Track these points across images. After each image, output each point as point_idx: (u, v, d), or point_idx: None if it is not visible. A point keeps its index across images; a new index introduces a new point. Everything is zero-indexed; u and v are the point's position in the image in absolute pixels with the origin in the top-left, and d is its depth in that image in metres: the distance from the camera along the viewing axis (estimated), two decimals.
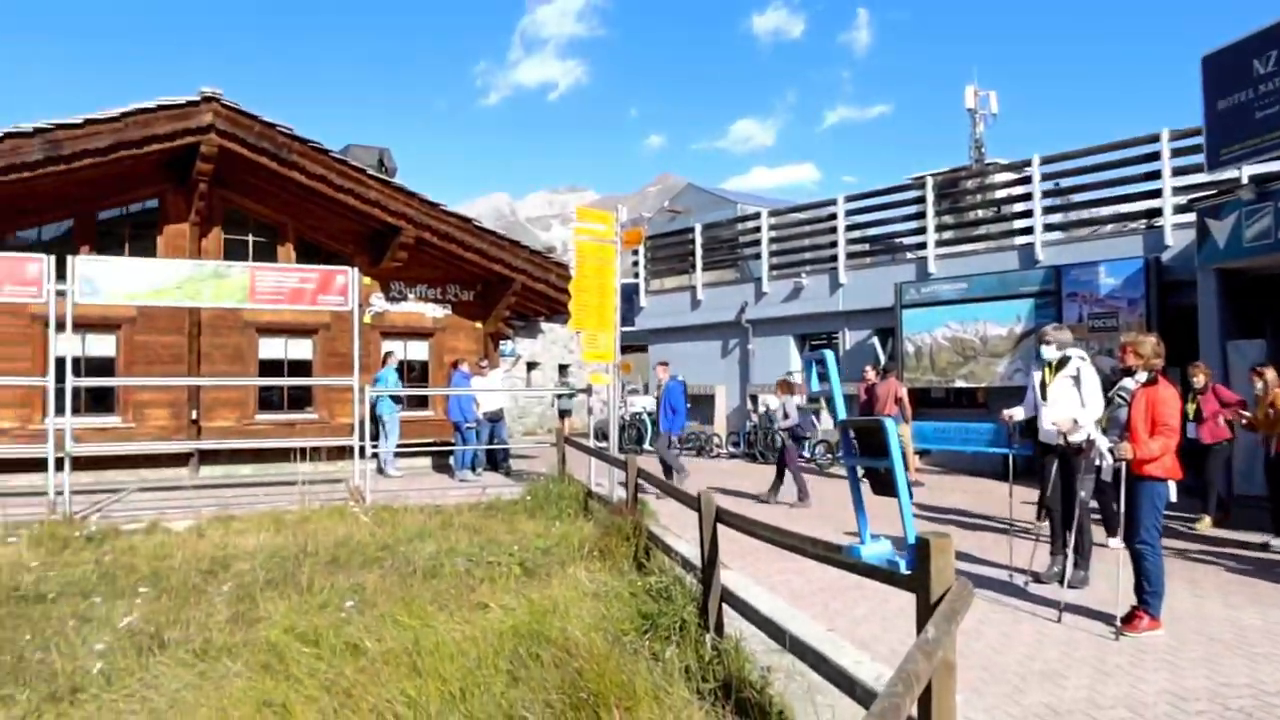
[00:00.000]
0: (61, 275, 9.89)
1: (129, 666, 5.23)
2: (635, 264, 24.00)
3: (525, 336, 27.89)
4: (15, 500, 10.25)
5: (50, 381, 9.96)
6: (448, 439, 14.39)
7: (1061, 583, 6.89)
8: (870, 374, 13.60)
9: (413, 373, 15.53)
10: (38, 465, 10.13)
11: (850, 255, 19.08)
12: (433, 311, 15.71)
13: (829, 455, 16.20)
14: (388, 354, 14.30)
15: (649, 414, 20.64)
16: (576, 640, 4.91)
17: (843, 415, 5.21)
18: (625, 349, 12.27)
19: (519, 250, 15.34)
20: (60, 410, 9.89)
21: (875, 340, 18.28)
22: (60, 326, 9.92)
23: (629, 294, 20.70)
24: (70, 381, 9.87)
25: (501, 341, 18.30)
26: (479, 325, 16.10)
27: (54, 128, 11.48)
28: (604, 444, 11.92)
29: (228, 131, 12.45)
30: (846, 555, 3.92)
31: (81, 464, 10.85)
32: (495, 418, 14.21)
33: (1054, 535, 7.43)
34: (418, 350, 15.66)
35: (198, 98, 12.24)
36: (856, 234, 19.39)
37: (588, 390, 13.36)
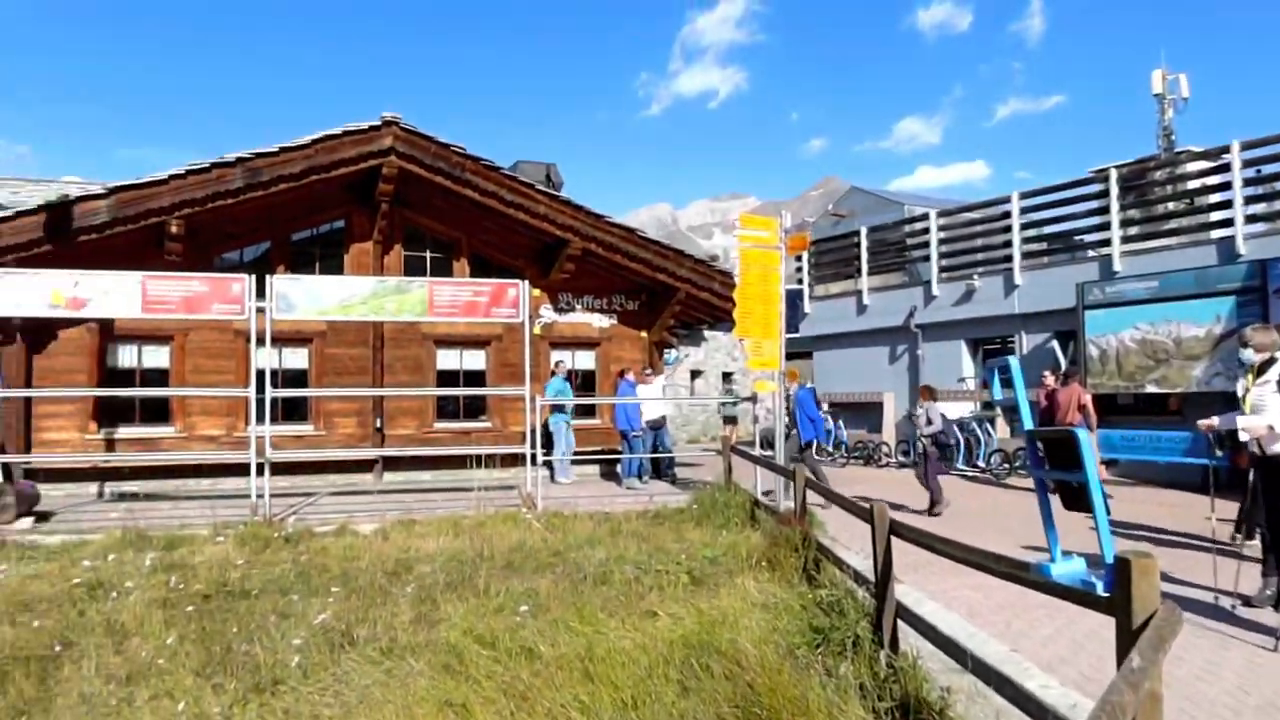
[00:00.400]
0: (261, 293, 10.64)
1: (322, 661, 5.54)
2: (799, 269, 23.68)
3: (689, 344, 28.04)
4: (224, 502, 11.10)
5: (251, 392, 10.73)
6: (614, 447, 14.60)
7: (1276, 607, 6.28)
8: (1050, 379, 12.89)
9: (580, 382, 15.84)
10: (242, 470, 10.91)
11: (1026, 255, 18.14)
12: (599, 321, 16.00)
13: (1005, 465, 15.46)
14: (558, 363, 14.64)
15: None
16: (747, 652, 4.85)
17: (1029, 424, 4.91)
18: (790, 356, 12.09)
19: (683, 259, 15.42)
20: (261, 419, 10.63)
21: (1055, 344, 17.30)
22: (260, 341, 10.67)
23: (793, 300, 20.41)
24: (269, 392, 10.58)
25: (665, 350, 18.43)
26: (644, 334, 16.27)
27: (253, 156, 12.42)
28: (769, 452, 11.78)
29: (406, 153, 13.11)
30: (1035, 574, 3.68)
31: (279, 469, 11.62)
32: (658, 425, 14.31)
33: (1265, 555, 6.79)
34: (584, 359, 15.98)
35: (379, 122, 12.95)
36: (1033, 232, 18.42)
37: (753, 398, 13.26)
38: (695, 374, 30.05)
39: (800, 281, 23.82)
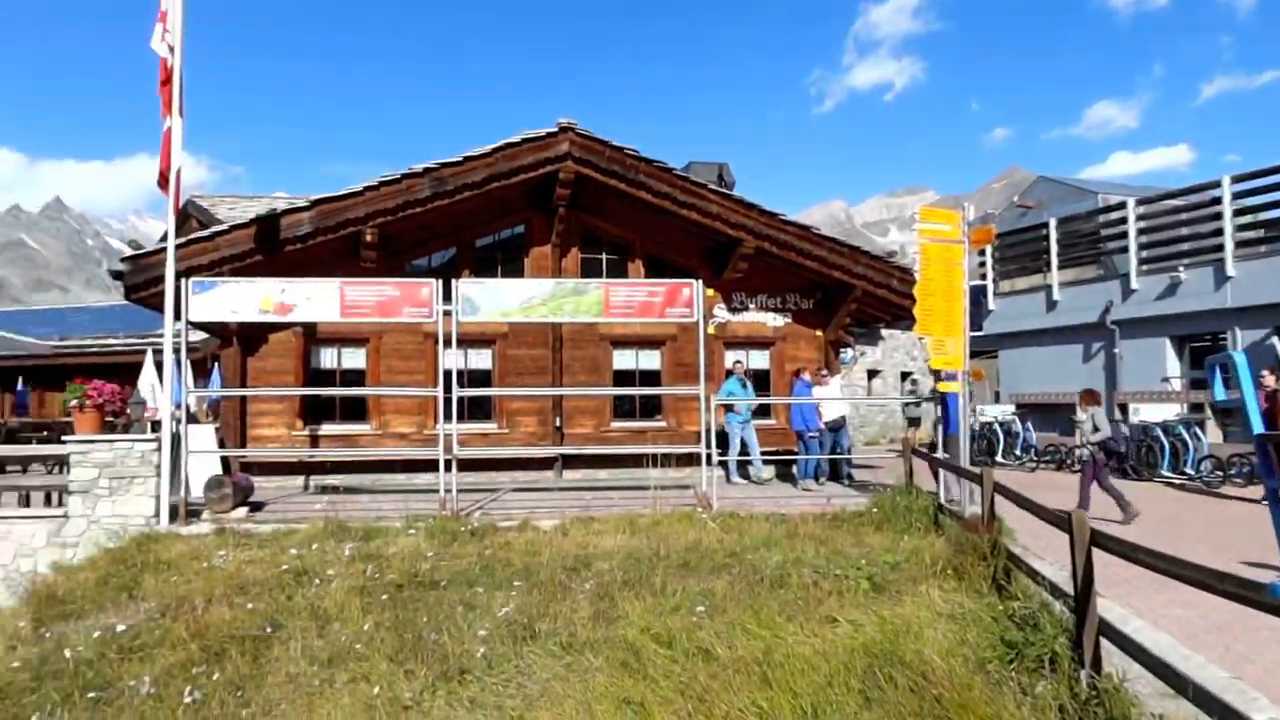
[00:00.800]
0: (447, 297, 11.10)
1: (506, 653, 5.70)
2: (982, 264, 22.62)
3: (866, 343, 27.30)
4: (415, 496, 11.66)
5: (439, 392, 11.21)
6: (790, 448, 14.37)
7: None
8: (1269, 379, 11.72)
9: (754, 382, 15.68)
10: (431, 465, 11.42)
11: (1240, 244, 16.60)
12: (773, 320, 15.80)
13: (1218, 472, 14.20)
14: (735, 363, 14.50)
15: (1001, 423, 19.31)
16: (934, 665, 4.63)
17: (1258, 427, 4.44)
18: (974, 354, 11.53)
19: (859, 256, 15.00)
20: (448, 417, 11.09)
21: (1276, 340, 15.74)
22: (447, 343, 11.13)
23: (975, 296, 19.51)
24: (455, 392, 11.03)
25: (842, 349, 18.00)
26: (819, 333, 15.94)
27: (439, 167, 12.99)
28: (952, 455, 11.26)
29: (582, 158, 13.37)
30: (1268, 595, 3.30)
31: (465, 465, 12.08)
32: (836, 426, 13.97)
33: None
34: (758, 359, 15.80)
35: (555, 129, 13.27)
36: (1247, 219, 16.81)
37: (936, 398, 12.73)
38: (873, 373, 29.22)
39: (984, 277, 22.75)
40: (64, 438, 10.07)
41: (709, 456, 11.32)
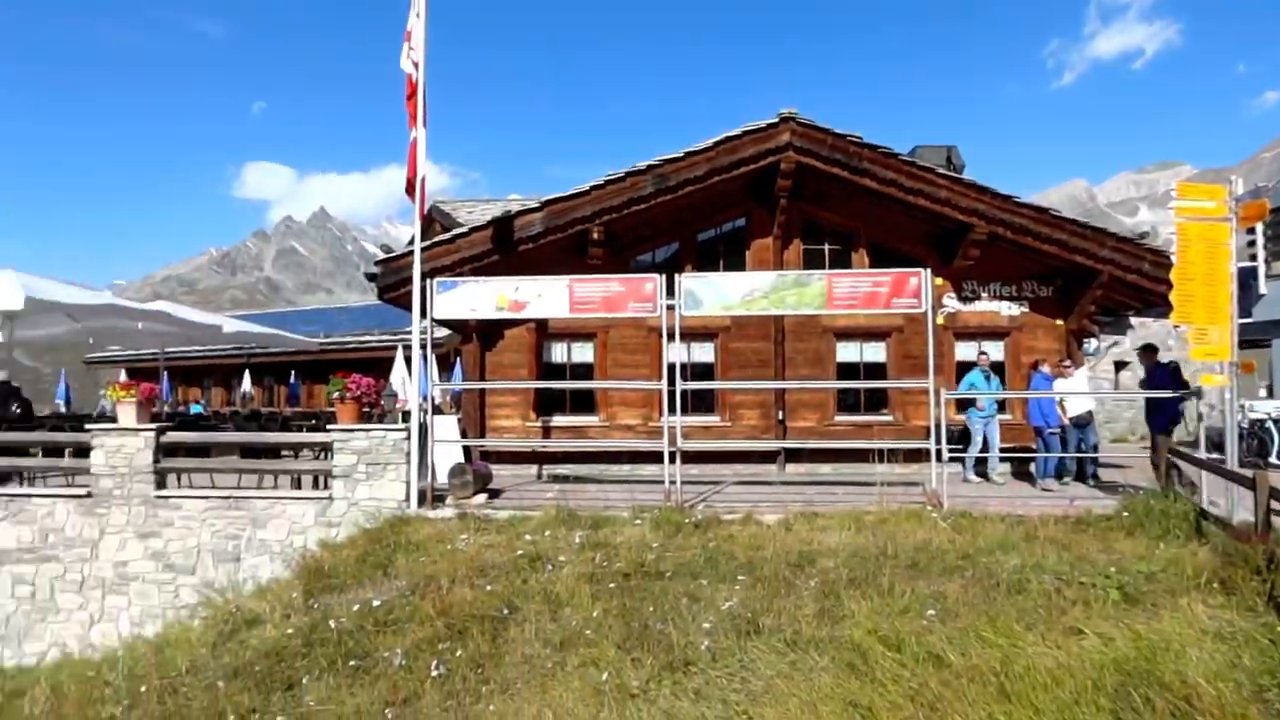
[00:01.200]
0: (670, 291, 11.27)
1: (730, 647, 5.72)
2: (1250, 244, 20.34)
3: (1113, 333, 25.21)
4: (640, 487, 11.94)
5: (663, 385, 11.40)
6: (1027, 445, 13.52)
7: None
8: None
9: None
10: (656, 457, 11.64)
11: None
12: (1008, 310, 14.92)
13: None
14: (980, 354, 13.70)
15: (1275, 420, 17.27)
16: (1200, 689, 4.21)
17: None
18: (1242, 345, 10.34)
19: (1104, 238, 13.86)
20: (672, 410, 11.26)
21: None
22: (670, 336, 11.30)
23: (1244, 280, 17.54)
24: (679, 385, 11.18)
25: (1085, 339, 16.71)
26: (1059, 322, 14.89)
27: (661, 163, 13.23)
28: (1218, 455, 10.16)
29: (803, 147, 13.19)
30: None
31: (688, 457, 12.23)
32: (1082, 422, 12.96)
33: None
34: (993, 350, 14.96)
35: (776, 119, 13.16)
36: None
37: (1196, 393, 11.56)
38: (1120, 365, 26.95)
39: (1253, 258, 20.44)
40: (328, 427, 11.06)
41: (939, 452, 10.84)
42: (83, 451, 11.17)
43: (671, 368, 11.27)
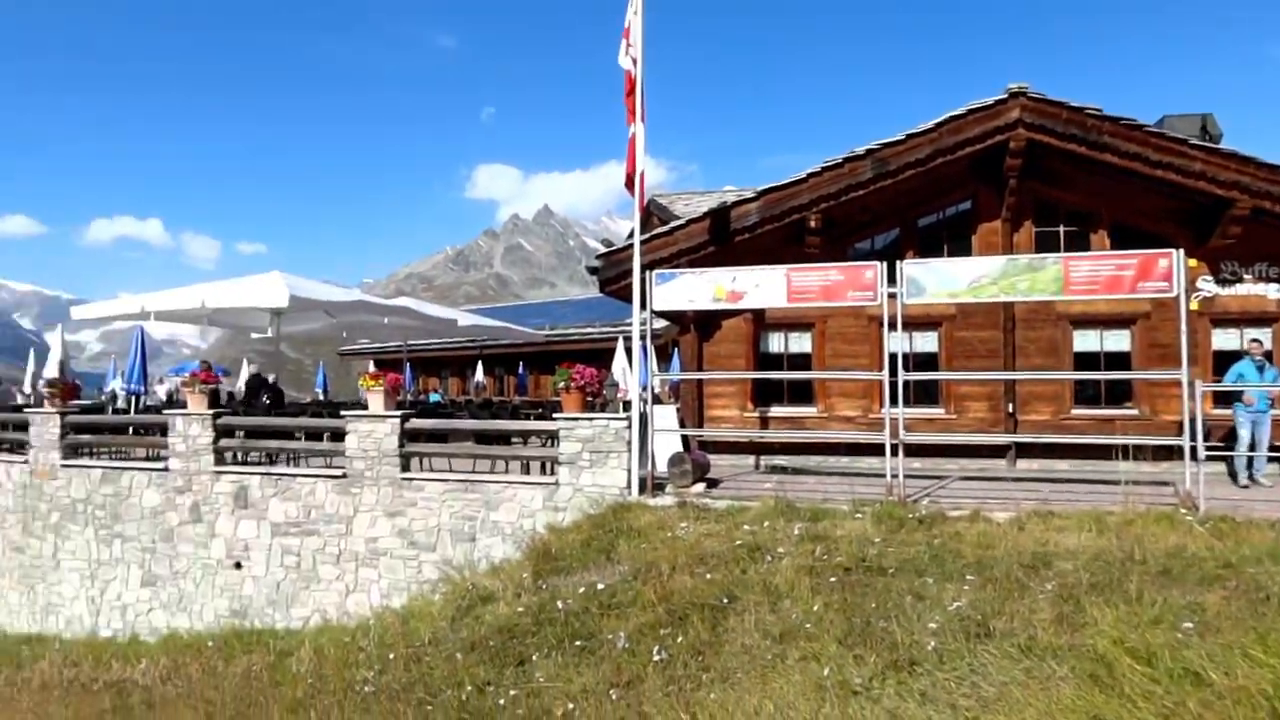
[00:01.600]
0: (891, 279, 10.94)
1: (958, 649, 5.50)
2: None
3: None
4: (860, 480, 11.69)
5: (884, 375, 11.10)
6: None
7: None
8: None
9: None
10: (876, 449, 11.36)
11: None
12: (1277, 293, 13.41)
13: None
14: (1253, 341, 12.38)
15: None
16: None
17: None
18: None
19: None
20: (894, 401, 10.95)
21: None
22: (892, 326, 10.97)
23: None
24: (901, 375, 10.85)
25: None
26: None
27: (880, 147, 12.87)
28: None
29: (1034, 123, 12.43)
30: None
31: (910, 450, 11.85)
32: None
33: None
34: (1264, 339, 13.50)
35: (1004, 95, 12.47)
36: None
37: None
38: None
39: None
40: (554, 415, 11.56)
41: (1194, 450, 9.91)
42: (338, 436, 12.25)
43: (893, 357, 10.95)
